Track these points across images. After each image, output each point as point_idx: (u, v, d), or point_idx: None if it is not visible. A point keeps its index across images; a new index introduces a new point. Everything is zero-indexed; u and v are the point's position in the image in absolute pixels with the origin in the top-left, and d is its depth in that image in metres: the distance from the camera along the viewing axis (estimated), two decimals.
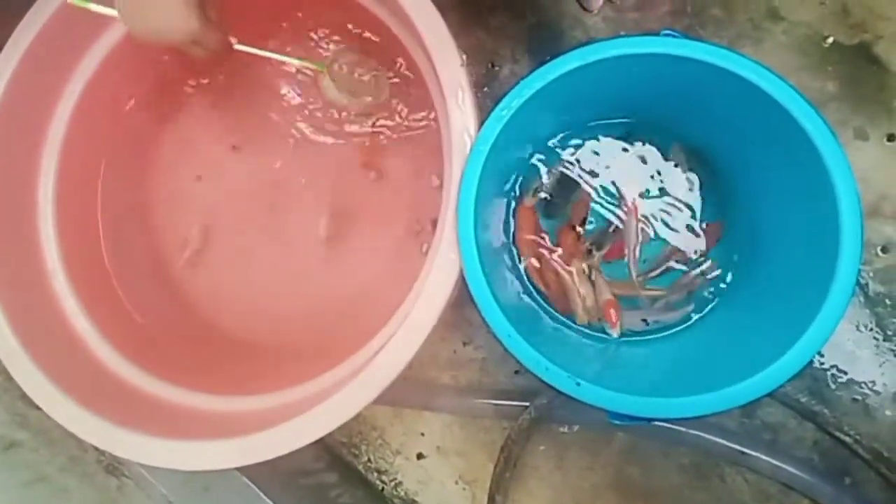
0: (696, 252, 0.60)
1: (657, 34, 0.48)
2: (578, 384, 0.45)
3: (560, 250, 0.62)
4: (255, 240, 0.71)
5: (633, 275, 0.60)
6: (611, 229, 0.62)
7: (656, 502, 0.70)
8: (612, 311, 0.58)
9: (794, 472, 0.65)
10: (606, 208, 0.62)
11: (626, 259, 0.61)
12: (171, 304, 0.70)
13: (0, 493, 0.53)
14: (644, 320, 0.59)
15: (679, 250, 0.60)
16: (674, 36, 0.48)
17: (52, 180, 0.64)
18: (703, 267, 0.59)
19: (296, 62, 0.64)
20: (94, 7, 0.53)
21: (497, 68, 0.78)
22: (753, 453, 0.66)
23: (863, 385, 0.68)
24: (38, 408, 0.55)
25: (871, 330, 0.68)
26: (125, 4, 0.49)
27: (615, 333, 0.58)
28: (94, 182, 0.69)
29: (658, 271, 0.60)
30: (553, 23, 0.77)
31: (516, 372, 0.73)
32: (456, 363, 0.74)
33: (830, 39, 0.72)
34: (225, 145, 0.73)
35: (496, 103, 0.51)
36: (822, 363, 0.68)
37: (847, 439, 0.65)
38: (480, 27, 0.77)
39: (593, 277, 0.60)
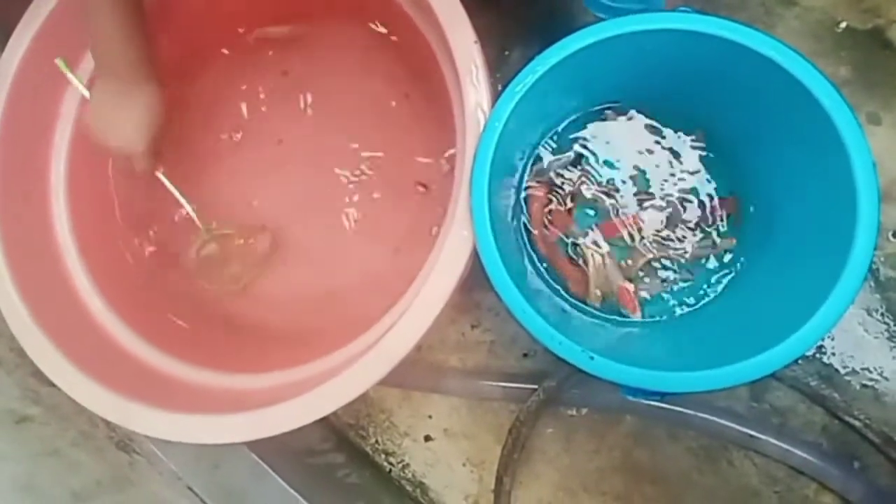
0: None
1: (673, 10, 0.48)
2: (592, 358, 0.45)
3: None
4: (266, 216, 0.71)
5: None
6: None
7: (664, 485, 0.70)
8: (627, 296, 0.58)
9: (803, 455, 0.65)
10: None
11: (622, 235, 0.61)
12: (182, 283, 0.70)
13: (12, 464, 0.53)
14: (663, 281, 0.59)
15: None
16: (690, 12, 0.48)
17: (64, 157, 0.64)
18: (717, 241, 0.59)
19: (188, 209, 0.64)
20: (73, 79, 0.60)
21: (508, 52, 0.77)
22: (762, 437, 0.66)
23: (872, 370, 0.67)
24: (49, 383, 0.55)
25: (882, 315, 0.68)
26: (97, 104, 0.57)
27: (637, 317, 0.58)
28: (108, 158, 0.69)
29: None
30: (564, 6, 0.77)
31: (525, 355, 0.74)
32: (464, 346, 0.75)
33: (843, 24, 0.72)
34: (239, 124, 0.73)
35: (508, 82, 0.51)
36: (832, 348, 0.68)
37: (856, 423, 0.65)
38: (492, 10, 0.77)
39: (606, 260, 0.60)
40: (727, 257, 0.59)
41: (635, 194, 0.61)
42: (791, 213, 0.53)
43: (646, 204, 0.61)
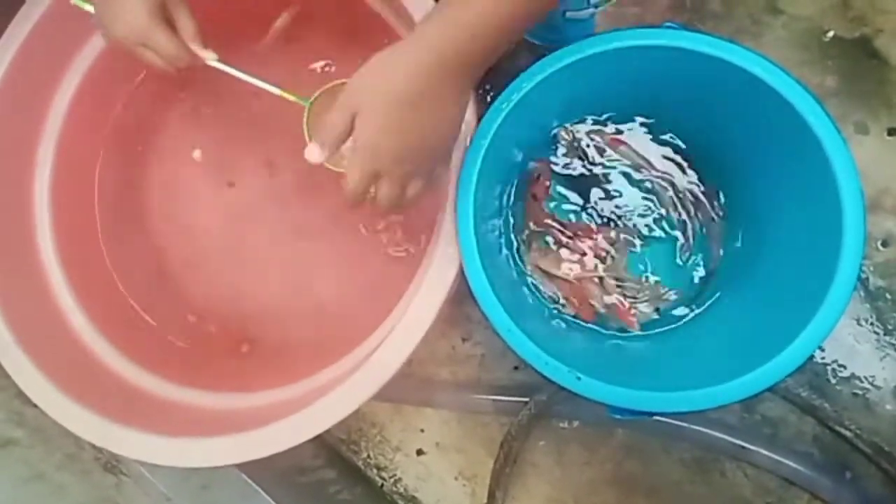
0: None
1: (658, 27, 0.48)
2: (579, 378, 0.44)
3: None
4: (253, 234, 0.71)
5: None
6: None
7: (656, 497, 0.69)
8: (623, 313, 0.59)
9: (795, 466, 0.65)
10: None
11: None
12: (168, 300, 0.69)
13: None
14: (657, 309, 0.59)
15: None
16: (675, 28, 0.48)
17: (48, 172, 0.64)
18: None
19: (276, 91, 0.54)
20: (86, 7, 0.52)
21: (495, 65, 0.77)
22: (754, 448, 0.66)
23: (863, 379, 0.67)
24: (34, 405, 0.54)
25: (872, 324, 0.68)
26: (97, 3, 0.49)
27: (636, 329, 0.58)
28: (92, 174, 0.68)
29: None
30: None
31: (515, 368, 0.73)
32: (455, 359, 0.74)
33: (830, 33, 0.72)
34: (226, 136, 0.72)
35: (495, 96, 0.50)
36: (822, 358, 0.68)
37: (847, 434, 0.65)
38: None
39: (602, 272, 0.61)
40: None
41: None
42: (778, 226, 0.53)
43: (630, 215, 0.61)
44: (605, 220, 0.62)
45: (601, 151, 0.61)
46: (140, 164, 0.72)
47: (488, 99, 0.76)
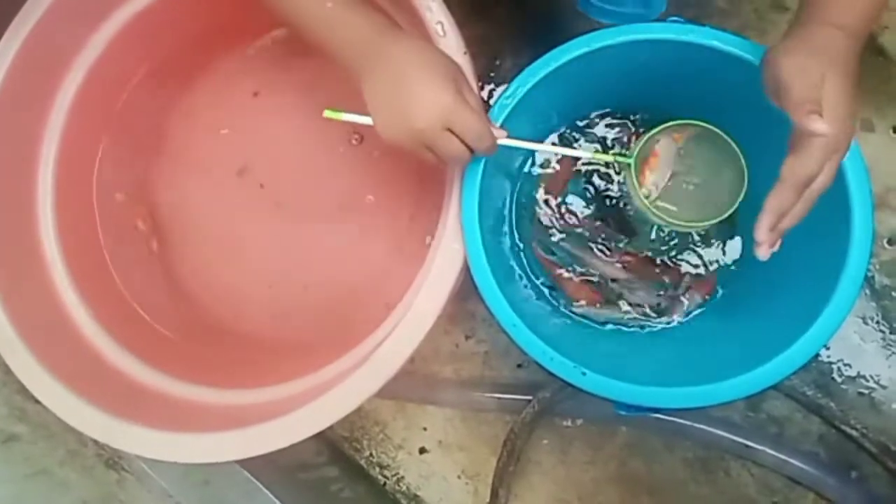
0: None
1: (664, 21, 0.48)
2: (584, 374, 0.44)
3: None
4: (255, 231, 0.71)
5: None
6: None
7: (660, 496, 0.69)
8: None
9: (800, 465, 0.65)
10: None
11: None
12: (171, 296, 0.69)
13: None
14: (659, 294, 0.59)
15: None
16: (682, 22, 0.47)
17: (51, 170, 0.63)
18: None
19: (588, 156, 0.48)
20: (346, 117, 0.46)
21: (499, 61, 0.77)
22: (759, 447, 0.65)
23: (869, 378, 0.67)
24: (36, 401, 0.54)
25: (878, 323, 0.67)
26: (375, 103, 0.42)
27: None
28: (93, 170, 0.68)
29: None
30: (556, 16, 0.76)
31: (519, 366, 0.73)
32: (458, 357, 0.74)
33: None
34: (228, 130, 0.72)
35: (500, 93, 0.50)
36: (828, 356, 0.68)
37: (853, 433, 0.65)
38: (483, 20, 0.76)
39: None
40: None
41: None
42: None
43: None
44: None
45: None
46: (146, 161, 0.72)
47: (493, 94, 0.76)
